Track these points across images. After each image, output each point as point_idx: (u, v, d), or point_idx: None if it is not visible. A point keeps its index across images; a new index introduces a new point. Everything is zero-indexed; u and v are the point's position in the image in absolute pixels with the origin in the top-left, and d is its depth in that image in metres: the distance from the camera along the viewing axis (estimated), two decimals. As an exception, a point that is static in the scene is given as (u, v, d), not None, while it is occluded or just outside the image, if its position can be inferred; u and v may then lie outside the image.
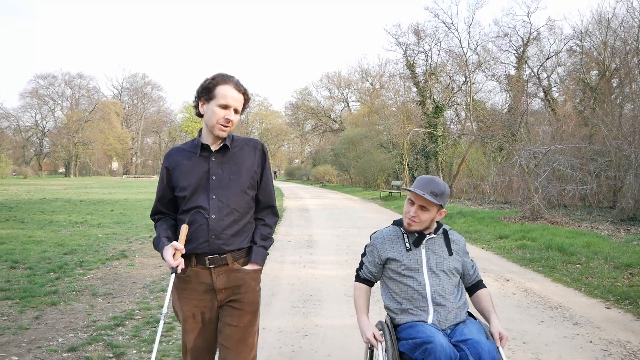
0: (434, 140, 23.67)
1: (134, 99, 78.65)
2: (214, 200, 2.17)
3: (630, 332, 4.27)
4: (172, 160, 2.25)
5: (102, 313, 4.64)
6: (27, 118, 68.81)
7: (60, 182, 42.88)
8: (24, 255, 7.29)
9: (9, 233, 9.74)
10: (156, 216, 2.33)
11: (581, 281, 6.18)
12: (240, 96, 2.20)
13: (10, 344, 3.76)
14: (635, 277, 6.20)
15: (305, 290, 5.69)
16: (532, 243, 8.80)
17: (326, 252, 8.40)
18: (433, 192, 2.37)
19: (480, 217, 12.94)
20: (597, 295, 5.54)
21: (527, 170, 11.79)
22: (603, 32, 21.13)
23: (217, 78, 2.19)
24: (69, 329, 4.16)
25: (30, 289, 5.33)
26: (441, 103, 23.92)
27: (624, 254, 7.42)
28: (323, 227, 12.04)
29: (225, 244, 2.18)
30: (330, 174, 43.56)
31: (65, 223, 11.75)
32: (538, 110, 22.73)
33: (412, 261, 2.42)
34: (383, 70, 40.48)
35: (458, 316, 2.34)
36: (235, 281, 2.20)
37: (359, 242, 9.26)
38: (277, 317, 4.61)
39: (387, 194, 23.71)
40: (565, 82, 24.32)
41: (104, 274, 6.33)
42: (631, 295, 5.36)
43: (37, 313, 4.55)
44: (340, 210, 17.19)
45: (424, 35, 24.28)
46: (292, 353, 3.73)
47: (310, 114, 57.21)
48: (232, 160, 2.24)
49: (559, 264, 7.18)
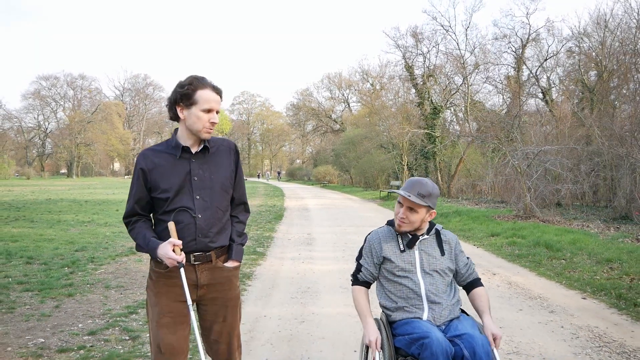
0: (432, 141, 24.05)
1: (135, 100, 79.05)
2: (199, 200, 2.24)
3: (600, 319, 4.66)
4: (148, 162, 2.26)
5: (116, 303, 5.04)
6: (30, 119, 69.39)
7: (63, 183, 43.32)
8: (38, 252, 7.69)
9: (20, 232, 10.15)
10: (132, 218, 2.33)
11: (563, 275, 6.56)
12: (218, 97, 2.25)
13: (36, 329, 4.16)
14: (615, 271, 6.58)
15: (303, 283, 6.08)
16: (521, 240, 9.19)
17: (324, 249, 8.80)
18: (420, 194, 2.42)
19: (475, 216, 13.32)
20: (576, 287, 5.93)
21: (519, 170, 12.17)
22: (601, 34, 21.48)
23: (194, 83, 2.21)
24: (87, 316, 4.56)
25: (47, 282, 5.73)
26: (439, 104, 24.30)
27: (607, 250, 7.80)
28: (322, 225, 12.43)
29: (211, 242, 2.26)
30: (331, 174, 43.95)
31: (73, 222, 12.15)
32: (536, 110, 23.12)
33: (405, 262, 2.48)
34: (383, 71, 40.86)
35: (452, 313, 2.42)
36: (219, 279, 2.29)
37: (356, 240, 9.65)
38: (277, 306, 5.01)
39: (387, 194, 24.10)
40: (564, 82, 24.68)
41: (114, 268, 6.73)
42: (607, 287, 5.75)
43: (56, 303, 4.95)
44: (339, 209, 17.59)
45: (422, 37, 24.72)
46: (290, 336, 4.12)
47: (311, 114, 57.65)
48: (211, 161, 2.31)
49: (545, 259, 7.56)
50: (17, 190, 28.86)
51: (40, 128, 70.19)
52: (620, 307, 5.03)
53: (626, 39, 19.52)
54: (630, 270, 6.48)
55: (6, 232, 9.98)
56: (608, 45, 20.49)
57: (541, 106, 23.79)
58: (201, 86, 2.21)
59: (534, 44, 25.23)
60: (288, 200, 22.68)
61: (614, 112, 14.89)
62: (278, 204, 19.57)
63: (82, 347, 3.76)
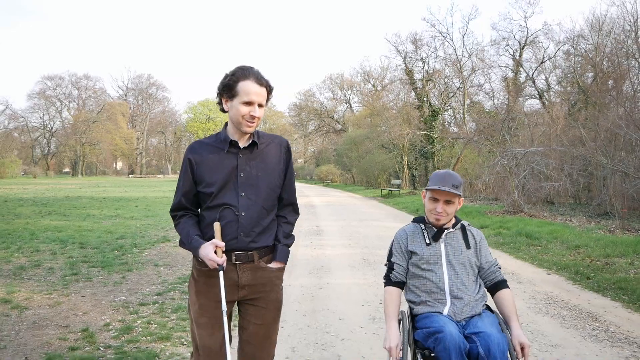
0: (431, 141, 25.26)
1: (138, 100, 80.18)
2: (243, 198, 2.18)
3: (556, 287, 5.85)
4: (196, 155, 2.22)
5: (168, 275, 6.24)
6: (35, 119, 70.61)
7: (72, 182, 44.49)
8: (85, 240, 8.89)
9: (59, 224, 11.35)
10: (178, 212, 2.29)
11: (537, 257, 7.76)
12: (262, 90, 2.16)
13: (115, 291, 5.37)
14: (580, 255, 7.77)
15: (317, 263, 7.28)
16: (506, 231, 10.39)
17: (332, 238, 9.99)
18: (454, 185, 2.52)
19: (468, 211, 14.51)
20: (545, 266, 7.13)
21: (508, 169, 13.37)
22: (595, 37, 22.51)
23: (237, 74, 2.15)
24: (150, 284, 5.76)
25: (106, 261, 6.93)
26: (437, 107, 25.53)
27: (579, 239, 8.98)
28: (328, 220, 13.62)
29: (253, 242, 2.20)
30: (333, 173, 45.17)
31: (102, 216, 13.35)
32: (531, 111, 24.32)
33: (431, 254, 2.53)
34: (384, 73, 42.11)
35: (474, 309, 2.42)
36: (261, 279, 2.24)
37: (359, 231, 10.85)
38: (299, 278, 6.21)
39: (387, 192, 25.32)
40: (562, 83, 25.82)
41: (156, 252, 7.94)
42: (569, 265, 6.95)
43: (121, 275, 6.15)
44: (343, 206, 18.79)
45: (422, 44, 25.95)
46: (312, 297, 5.32)
47: (314, 114, 58.87)
48: (259, 158, 2.24)
49: (524, 246, 8.76)
50: (31, 188, 30.04)
51: (46, 128, 71.34)
52: (575, 280, 6.23)
53: (619, 42, 20.44)
54: (593, 254, 7.67)
55: (47, 224, 11.18)
56: (602, 48, 21.43)
57: (539, 107, 25.03)
58: (243, 77, 2.14)
59: (532, 46, 26.42)
60: (293, 197, 23.86)
61: (599, 115, 15.98)
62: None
63: (155, 303, 4.96)
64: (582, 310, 4.92)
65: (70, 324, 4.22)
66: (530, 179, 13.35)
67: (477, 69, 24.97)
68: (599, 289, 5.75)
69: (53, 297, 5.06)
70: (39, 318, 4.37)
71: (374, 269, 6.77)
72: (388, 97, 36.98)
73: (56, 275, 6.10)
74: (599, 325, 4.45)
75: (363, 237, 9.96)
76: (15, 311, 4.55)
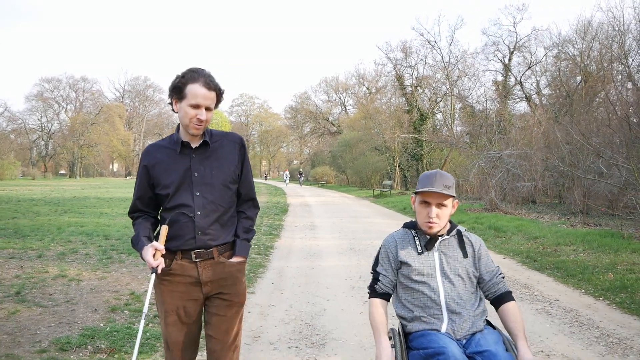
0: (420, 144, 26.62)
1: (135, 102, 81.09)
2: (198, 197, 2.21)
3: (507, 268, 7.13)
4: (150, 158, 2.26)
5: (186, 260, 7.48)
6: (33, 121, 71.40)
7: (71, 183, 45.31)
8: (107, 233, 10.09)
9: (79, 220, 12.54)
10: (135, 214, 2.34)
11: (499, 246, 9.06)
12: (210, 93, 2.16)
13: (147, 270, 6.60)
14: (536, 244, 9.07)
15: (310, 250, 8.55)
16: (479, 226, 11.69)
17: (325, 232, 11.27)
18: (446, 186, 2.26)
19: (450, 209, 15.80)
20: (503, 252, 8.43)
21: (485, 171, 14.69)
22: (580, 42, 23.69)
23: (186, 76, 2.15)
24: (172, 265, 7.00)
25: (132, 249, 8.14)
26: (425, 112, 26.89)
27: (540, 231, 10.28)
28: (322, 217, 14.90)
29: (211, 239, 2.23)
30: (328, 174, 46.43)
31: (114, 214, 14.54)
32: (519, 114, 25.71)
33: (424, 265, 2.29)
34: (378, 77, 43.42)
35: (475, 325, 2.19)
36: (222, 274, 2.26)
37: (350, 227, 12.15)
38: (295, 262, 7.48)
39: (379, 193, 26.64)
40: (551, 85, 27.07)
41: (172, 242, 9.16)
42: (523, 252, 8.25)
43: (147, 259, 7.38)
44: (336, 205, 20.09)
45: (411, 52, 27.30)
46: (306, 274, 6.59)
47: (309, 117, 60.07)
48: (213, 156, 2.26)
49: (491, 237, 10.06)
50: (36, 189, 31.08)
51: (44, 130, 72.16)
52: (524, 263, 7.54)
53: (603, 47, 21.52)
54: (547, 243, 8.98)
55: (68, 221, 12.37)
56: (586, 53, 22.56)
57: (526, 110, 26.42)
58: (192, 80, 2.14)
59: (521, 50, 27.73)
60: (290, 198, 25.13)
61: (572, 119, 17.27)
62: (282, 201, 22.01)
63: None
64: (520, 282, 6.22)
65: (119, 290, 5.48)
66: (507, 179, 14.64)
67: (463, 75, 26.33)
68: (540, 269, 7.06)
69: (98, 274, 6.30)
70: (94, 286, 5.62)
71: (357, 255, 8.05)
72: (381, 100, 38.31)
73: (93, 259, 7.32)
74: (528, 291, 5.75)
75: (352, 231, 11.24)
76: (74, 282, 5.78)
